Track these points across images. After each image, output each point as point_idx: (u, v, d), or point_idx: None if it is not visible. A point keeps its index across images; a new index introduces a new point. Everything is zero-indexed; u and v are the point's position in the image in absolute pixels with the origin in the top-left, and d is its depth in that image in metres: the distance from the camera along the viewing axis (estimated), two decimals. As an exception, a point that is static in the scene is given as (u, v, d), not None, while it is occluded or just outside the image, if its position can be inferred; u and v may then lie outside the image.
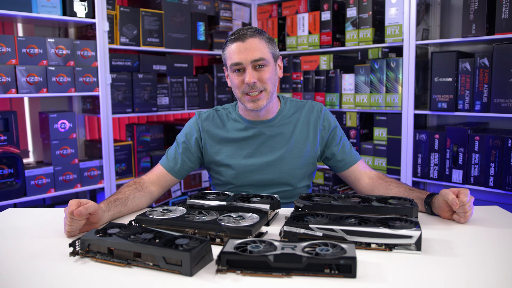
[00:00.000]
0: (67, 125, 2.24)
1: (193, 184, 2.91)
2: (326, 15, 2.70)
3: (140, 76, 2.52)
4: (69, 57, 2.21)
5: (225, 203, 1.21)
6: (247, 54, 1.35)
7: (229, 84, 1.48)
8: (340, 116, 2.76)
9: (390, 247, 1.00)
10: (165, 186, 1.50)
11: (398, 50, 2.52)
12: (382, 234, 0.99)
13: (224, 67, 1.49)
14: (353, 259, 0.86)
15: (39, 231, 1.20)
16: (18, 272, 0.93)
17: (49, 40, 2.14)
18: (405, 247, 0.99)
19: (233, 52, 1.37)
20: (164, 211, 1.16)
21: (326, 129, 1.52)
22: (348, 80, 2.66)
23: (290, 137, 1.48)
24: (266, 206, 1.18)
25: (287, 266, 0.87)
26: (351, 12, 2.61)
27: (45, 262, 0.97)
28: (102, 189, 2.39)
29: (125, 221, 1.23)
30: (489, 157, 2.12)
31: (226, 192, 1.31)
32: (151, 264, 0.92)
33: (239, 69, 1.38)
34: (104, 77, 2.31)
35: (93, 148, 2.47)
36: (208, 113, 1.53)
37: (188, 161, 1.50)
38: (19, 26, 2.35)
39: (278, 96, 1.54)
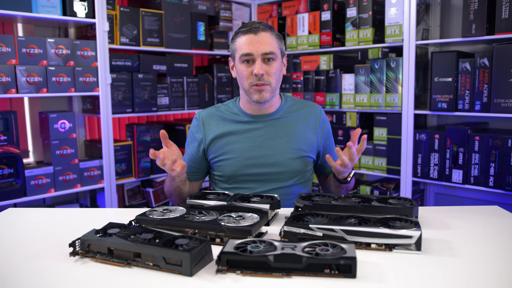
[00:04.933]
0: (67, 125, 2.24)
1: (193, 184, 2.91)
2: (326, 15, 2.70)
3: (140, 76, 2.52)
4: (69, 57, 2.21)
5: (225, 203, 1.21)
6: (259, 46, 1.39)
7: (233, 75, 1.53)
8: (340, 116, 2.76)
9: (390, 247, 1.00)
10: (193, 186, 1.61)
11: (398, 50, 2.52)
12: (382, 234, 0.99)
13: (229, 58, 1.53)
14: (353, 259, 0.86)
15: (39, 231, 1.20)
16: (18, 272, 0.93)
17: (49, 40, 2.14)
18: (405, 247, 0.99)
19: (244, 43, 1.41)
20: (164, 211, 1.16)
21: (324, 133, 1.59)
22: (348, 80, 2.66)
23: (290, 132, 1.51)
24: (266, 206, 1.18)
25: (287, 266, 0.87)
26: (351, 12, 2.61)
27: (45, 262, 0.97)
28: (102, 189, 2.39)
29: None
30: (489, 157, 2.12)
31: (226, 192, 1.31)
32: (151, 264, 0.92)
33: (248, 60, 1.42)
34: (104, 77, 2.31)
35: (93, 148, 2.47)
36: (208, 111, 1.57)
37: (197, 166, 1.58)
38: (19, 26, 2.35)
39: (279, 94, 1.58)
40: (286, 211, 1.32)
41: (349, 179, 1.45)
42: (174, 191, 1.48)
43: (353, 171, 1.46)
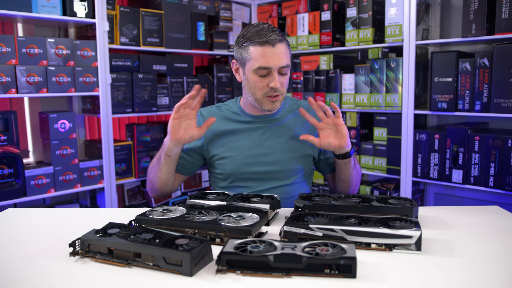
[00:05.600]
0: (67, 125, 2.24)
1: (193, 184, 2.91)
2: (326, 15, 2.70)
3: (140, 76, 2.52)
4: (69, 57, 2.21)
5: (225, 203, 1.21)
6: (277, 60, 1.37)
7: (238, 79, 1.50)
8: (340, 116, 2.75)
9: (390, 247, 1.00)
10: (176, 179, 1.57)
11: (398, 50, 2.52)
12: (382, 234, 0.99)
13: (233, 60, 1.50)
14: (353, 259, 0.86)
15: (39, 231, 1.20)
16: (18, 272, 0.93)
17: (49, 40, 2.14)
18: (405, 247, 0.99)
19: (261, 55, 1.37)
20: (164, 211, 1.16)
21: None
22: (348, 80, 2.66)
23: (289, 131, 1.52)
24: (266, 206, 1.18)
25: (287, 266, 0.87)
26: (351, 12, 2.61)
27: (45, 262, 0.97)
28: (102, 189, 2.39)
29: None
30: (489, 157, 2.12)
31: (226, 192, 1.31)
32: (151, 264, 0.92)
33: (265, 73, 1.39)
34: (104, 77, 2.31)
35: (93, 148, 2.47)
36: (209, 109, 1.58)
37: (189, 158, 1.54)
38: (19, 26, 2.35)
39: None
40: (286, 211, 1.32)
41: (349, 149, 1.42)
42: (157, 164, 1.47)
43: (353, 147, 1.45)
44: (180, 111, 1.35)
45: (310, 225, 1.02)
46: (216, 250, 0.96)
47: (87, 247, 0.98)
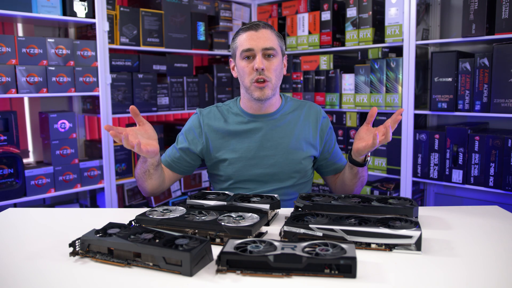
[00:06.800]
0: (67, 125, 2.24)
1: (193, 184, 2.91)
2: (326, 15, 2.70)
3: (140, 76, 2.52)
4: (69, 57, 2.21)
5: (225, 203, 1.21)
6: (259, 41, 1.41)
7: (234, 75, 1.54)
8: (340, 116, 2.76)
9: (390, 247, 1.00)
10: (168, 179, 1.53)
11: (398, 50, 2.52)
12: (382, 234, 0.99)
13: (230, 59, 1.54)
14: (353, 259, 0.86)
15: (39, 231, 1.20)
16: (18, 272, 0.93)
17: (49, 40, 2.14)
18: (405, 247, 0.99)
19: (245, 40, 1.43)
20: (164, 211, 1.16)
21: (323, 131, 1.58)
22: (348, 80, 2.66)
23: (290, 132, 1.51)
24: (266, 206, 1.18)
25: (287, 266, 0.87)
26: (351, 12, 2.61)
27: (45, 262, 0.97)
28: (102, 189, 2.39)
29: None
30: (489, 157, 2.12)
31: (226, 192, 1.31)
32: (151, 264, 0.92)
33: (249, 56, 1.43)
34: (104, 77, 2.31)
35: (93, 148, 2.48)
36: (209, 109, 1.57)
37: (186, 157, 1.53)
38: (19, 26, 2.35)
39: (280, 94, 1.58)
40: (286, 211, 1.32)
41: (368, 158, 1.44)
42: (143, 175, 1.41)
43: (367, 162, 1.45)
44: (129, 143, 1.20)
45: (310, 225, 1.02)
46: (216, 250, 0.96)
47: (87, 247, 0.98)
